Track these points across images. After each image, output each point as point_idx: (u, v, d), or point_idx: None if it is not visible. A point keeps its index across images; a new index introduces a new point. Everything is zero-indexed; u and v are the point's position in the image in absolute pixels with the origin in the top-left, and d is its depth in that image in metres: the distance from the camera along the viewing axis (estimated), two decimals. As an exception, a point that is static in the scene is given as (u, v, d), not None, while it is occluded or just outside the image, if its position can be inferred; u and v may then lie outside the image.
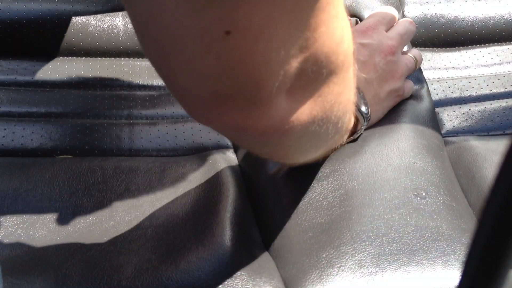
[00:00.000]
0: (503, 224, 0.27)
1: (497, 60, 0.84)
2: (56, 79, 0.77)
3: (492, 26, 0.86)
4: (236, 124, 0.44)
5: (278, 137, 0.47)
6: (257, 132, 0.46)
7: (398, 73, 0.70)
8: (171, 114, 0.75)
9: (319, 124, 0.48)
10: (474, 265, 0.28)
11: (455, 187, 0.66)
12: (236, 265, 0.56)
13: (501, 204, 0.27)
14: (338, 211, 0.60)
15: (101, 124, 0.72)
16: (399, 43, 0.71)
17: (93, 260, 0.56)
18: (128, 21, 0.82)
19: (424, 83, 0.76)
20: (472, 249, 0.28)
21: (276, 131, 0.46)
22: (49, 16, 0.80)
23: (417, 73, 0.76)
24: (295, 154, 0.57)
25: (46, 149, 0.69)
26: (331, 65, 0.45)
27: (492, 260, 0.28)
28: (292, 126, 0.46)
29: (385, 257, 0.57)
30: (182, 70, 0.41)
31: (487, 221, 0.27)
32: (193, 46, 0.39)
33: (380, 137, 0.68)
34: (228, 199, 0.62)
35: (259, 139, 0.48)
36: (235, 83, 0.41)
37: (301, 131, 0.48)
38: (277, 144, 0.50)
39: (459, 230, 0.60)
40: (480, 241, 0.28)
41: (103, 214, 0.61)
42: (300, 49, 0.41)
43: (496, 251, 0.28)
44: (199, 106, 0.44)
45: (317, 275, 0.55)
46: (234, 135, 0.49)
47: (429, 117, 0.73)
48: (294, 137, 0.48)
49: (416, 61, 0.74)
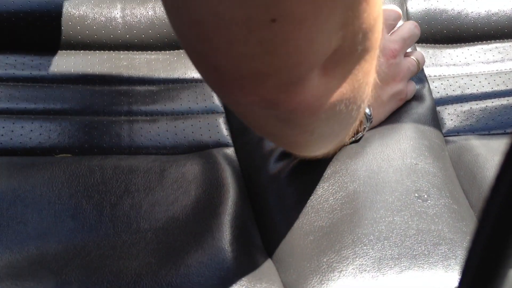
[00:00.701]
0: (503, 224, 0.27)
1: (499, 58, 0.84)
2: (54, 74, 0.77)
3: (494, 23, 0.85)
4: (269, 101, 0.44)
5: (307, 116, 0.47)
6: (288, 109, 0.45)
7: (400, 76, 0.70)
8: (171, 111, 0.74)
9: (346, 104, 0.48)
10: (474, 265, 0.29)
11: (456, 189, 0.66)
12: (237, 270, 0.56)
13: (501, 204, 0.27)
14: (339, 214, 0.60)
15: (100, 121, 0.71)
16: (401, 47, 0.70)
17: (92, 265, 0.55)
18: (127, 13, 0.81)
19: (426, 82, 0.76)
20: (472, 249, 0.28)
21: (307, 107, 0.46)
22: (46, 9, 0.79)
23: (419, 72, 0.76)
24: (313, 141, 0.56)
25: (45, 148, 0.68)
26: (367, 42, 0.45)
27: (492, 260, 0.28)
28: (322, 103, 0.46)
29: (386, 261, 0.56)
30: (222, 52, 0.41)
31: (487, 221, 0.27)
32: (237, 31, 0.39)
33: (382, 138, 0.68)
34: (228, 201, 0.62)
35: (288, 118, 0.48)
36: (276, 63, 0.41)
37: (329, 110, 0.48)
38: (302, 125, 0.50)
39: (460, 234, 0.60)
40: (480, 241, 0.28)
41: (102, 217, 0.60)
42: (341, 27, 0.41)
43: (496, 251, 0.28)
44: (235, 86, 0.44)
45: (318, 280, 0.55)
46: (262, 115, 0.48)
47: (431, 117, 0.73)
48: (321, 117, 0.48)
49: (418, 63, 0.73)
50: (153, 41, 0.81)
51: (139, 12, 0.82)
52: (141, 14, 0.82)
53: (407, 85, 0.72)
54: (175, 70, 0.79)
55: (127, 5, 0.82)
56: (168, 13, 0.42)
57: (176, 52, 0.82)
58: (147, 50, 0.81)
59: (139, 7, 0.82)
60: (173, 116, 0.74)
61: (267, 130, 0.53)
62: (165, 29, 0.81)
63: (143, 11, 0.82)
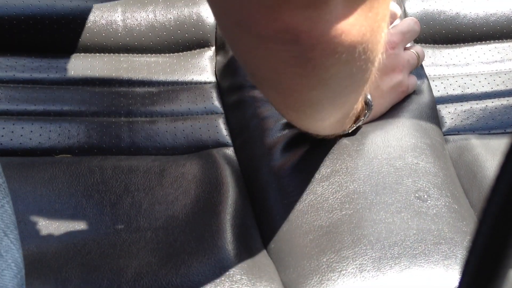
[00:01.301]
0: (503, 224, 0.27)
1: (498, 58, 0.84)
2: (54, 76, 0.77)
3: (493, 23, 0.85)
4: (292, 30, 0.43)
5: (327, 55, 0.46)
6: (310, 43, 0.45)
7: (400, 68, 0.70)
8: (170, 112, 0.74)
9: (365, 49, 0.48)
10: (474, 265, 0.28)
11: (457, 188, 0.66)
12: (236, 269, 0.56)
13: (501, 204, 0.27)
14: (339, 214, 0.60)
15: (100, 122, 0.71)
16: (400, 40, 0.71)
17: (93, 263, 0.56)
18: (127, 16, 0.82)
19: (425, 79, 0.76)
20: (472, 249, 0.28)
21: (329, 42, 0.45)
22: (47, 12, 0.79)
23: (419, 69, 0.76)
24: (323, 100, 0.55)
25: (45, 148, 0.68)
26: None
27: (492, 260, 0.28)
28: (344, 39, 0.45)
29: (387, 261, 0.56)
30: None
31: (487, 221, 0.27)
32: None
33: (383, 135, 0.68)
34: (228, 200, 0.62)
35: (307, 59, 0.47)
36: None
37: (350, 50, 0.47)
38: (320, 69, 0.49)
39: (460, 233, 0.59)
40: (480, 241, 0.28)
41: (102, 216, 0.60)
42: None
43: (496, 251, 0.27)
44: (257, 11, 0.43)
45: (318, 280, 0.55)
46: (280, 57, 0.47)
47: (431, 114, 0.73)
48: (341, 58, 0.47)
49: (418, 57, 0.73)
50: (153, 44, 0.82)
51: (140, 15, 0.82)
52: (142, 18, 0.82)
53: (408, 78, 0.72)
54: (175, 72, 0.80)
55: (127, 9, 0.82)
56: None
57: (176, 55, 0.82)
58: (147, 53, 0.82)
59: (140, 10, 0.83)
60: (173, 117, 0.74)
61: (280, 79, 0.51)
62: (165, 32, 0.82)
63: (143, 15, 0.82)
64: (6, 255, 0.40)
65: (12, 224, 0.41)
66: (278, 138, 0.68)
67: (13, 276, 0.40)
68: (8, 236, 0.40)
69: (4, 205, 0.40)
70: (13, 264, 0.41)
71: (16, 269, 0.41)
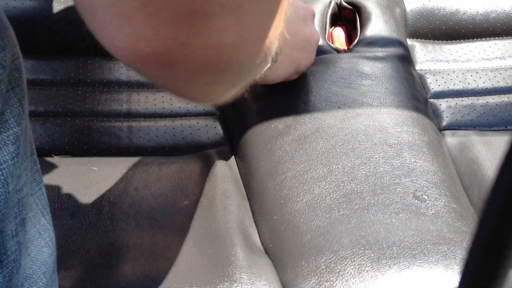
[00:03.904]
0: (503, 224, 0.27)
1: (498, 54, 0.83)
2: (54, 77, 0.77)
3: (493, 19, 0.85)
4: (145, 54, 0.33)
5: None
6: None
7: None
8: (169, 113, 0.74)
9: None
10: (474, 265, 0.28)
11: (456, 187, 0.66)
12: (235, 268, 0.56)
13: (501, 204, 0.26)
14: (336, 214, 0.60)
15: (99, 123, 0.71)
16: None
17: (91, 262, 0.56)
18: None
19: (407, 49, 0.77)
20: (472, 249, 0.28)
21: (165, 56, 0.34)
22: (47, 14, 0.79)
23: (399, 38, 0.77)
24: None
25: (45, 149, 0.69)
26: None
27: (492, 260, 0.28)
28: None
29: (385, 261, 0.56)
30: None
31: (487, 221, 0.27)
32: None
33: (379, 133, 0.67)
34: (226, 201, 0.62)
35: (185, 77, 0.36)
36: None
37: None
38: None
39: (460, 233, 0.59)
40: (480, 241, 0.28)
41: (101, 215, 0.60)
42: None
43: (496, 251, 0.27)
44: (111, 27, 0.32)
45: (316, 281, 0.55)
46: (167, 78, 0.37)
47: (427, 109, 0.73)
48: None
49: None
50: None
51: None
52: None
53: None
54: (174, 72, 0.79)
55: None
56: None
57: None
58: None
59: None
60: (171, 117, 0.74)
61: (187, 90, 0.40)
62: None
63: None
64: (44, 233, 0.41)
65: (47, 206, 0.42)
66: (276, 138, 0.68)
67: (51, 253, 0.42)
68: (45, 216, 0.42)
69: (42, 188, 0.41)
70: (50, 242, 0.42)
71: (52, 247, 0.42)
